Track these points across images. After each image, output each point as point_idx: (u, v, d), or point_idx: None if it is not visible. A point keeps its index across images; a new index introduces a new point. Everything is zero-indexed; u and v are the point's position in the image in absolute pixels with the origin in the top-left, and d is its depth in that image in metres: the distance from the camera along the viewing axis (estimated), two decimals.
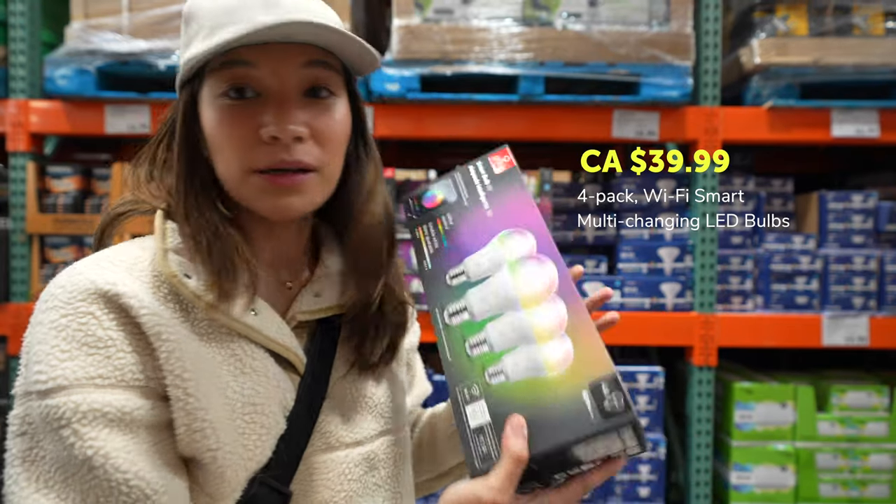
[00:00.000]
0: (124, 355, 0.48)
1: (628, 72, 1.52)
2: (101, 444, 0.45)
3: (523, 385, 0.50)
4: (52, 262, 1.62)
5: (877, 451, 1.57)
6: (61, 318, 0.48)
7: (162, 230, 0.55)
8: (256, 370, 0.54)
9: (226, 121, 0.53)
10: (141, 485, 0.46)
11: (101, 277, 0.49)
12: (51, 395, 0.46)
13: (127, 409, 0.47)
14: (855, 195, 1.67)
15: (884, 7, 1.57)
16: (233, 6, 0.51)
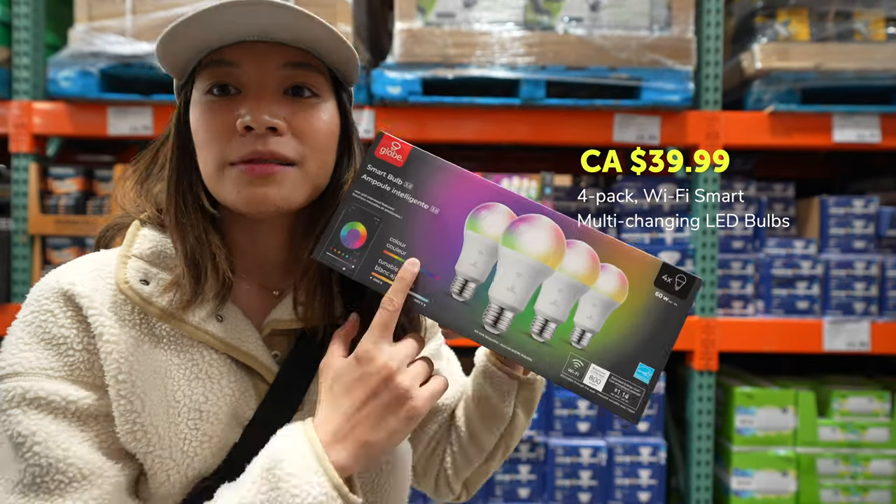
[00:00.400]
0: (74, 353, 0.51)
1: (629, 76, 1.52)
2: (45, 426, 0.48)
3: (609, 326, 0.52)
4: (53, 263, 1.62)
5: (878, 457, 1.57)
6: (29, 313, 0.52)
7: (132, 237, 0.56)
8: (211, 377, 0.54)
9: (206, 114, 0.54)
10: (78, 464, 0.48)
11: (66, 277, 0.52)
12: (5, 380, 0.50)
13: (72, 398, 0.50)
14: (856, 200, 1.67)
15: (885, 13, 1.57)
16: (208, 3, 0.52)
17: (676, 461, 1.72)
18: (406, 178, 0.55)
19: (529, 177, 1.59)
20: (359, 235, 0.55)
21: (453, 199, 0.55)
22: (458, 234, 0.54)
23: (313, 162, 0.55)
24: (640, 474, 1.58)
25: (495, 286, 0.53)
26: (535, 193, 1.58)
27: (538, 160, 2.18)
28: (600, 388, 0.52)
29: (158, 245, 0.56)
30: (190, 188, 0.56)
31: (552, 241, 0.53)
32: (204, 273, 0.54)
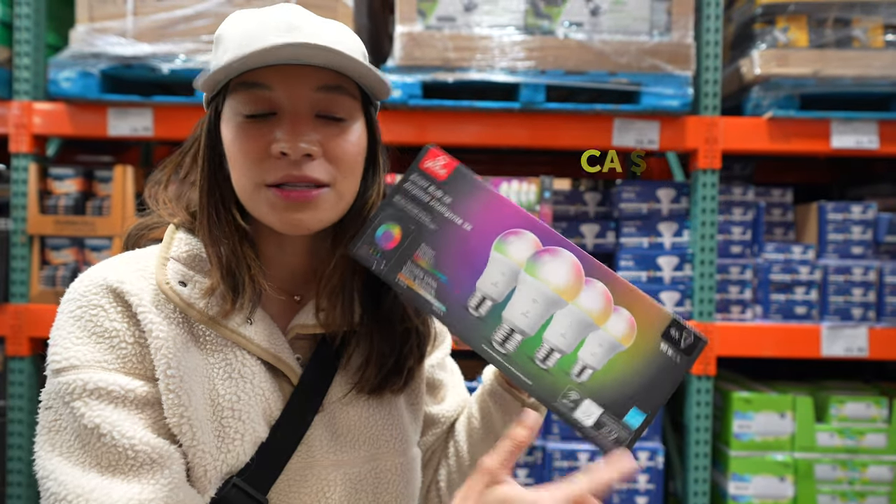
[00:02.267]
0: (126, 346, 0.53)
1: (629, 81, 1.53)
2: (108, 415, 0.51)
3: (610, 366, 0.54)
4: (52, 263, 1.62)
5: (875, 463, 1.57)
6: (77, 308, 0.54)
7: (169, 240, 0.59)
8: (244, 377, 0.57)
9: (241, 137, 0.56)
10: (146, 449, 0.51)
11: (113, 275, 0.55)
12: (63, 373, 0.52)
13: (129, 387, 0.52)
14: (854, 206, 1.68)
15: (883, 20, 1.58)
16: (255, 31, 0.54)
17: (674, 466, 1.72)
18: (446, 192, 0.58)
19: (529, 181, 1.59)
20: (392, 237, 0.57)
21: (486, 219, 0.57)
22: (484, 253, 0.56)
23: (345, 183, 0.58)
24: (637, 479, 1.58)
25: (510, 308, 0.55)
26: (534, 197, 1.58)
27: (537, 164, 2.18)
28: (590, 423, 0.53)
29: (194, 249, 0.58)
30: (222, 201, 0.58)
31: (571, 275, 0.55)
32: (241, 284, 0.56)
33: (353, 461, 0.61)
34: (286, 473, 0.58)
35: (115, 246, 1.59)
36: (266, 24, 0.55)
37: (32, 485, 1.65)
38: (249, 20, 0.56)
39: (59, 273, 1.59)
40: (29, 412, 1.61)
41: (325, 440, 0.60)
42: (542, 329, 0.55)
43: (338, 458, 0.60)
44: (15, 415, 1.60)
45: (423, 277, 0.56)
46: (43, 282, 1.60)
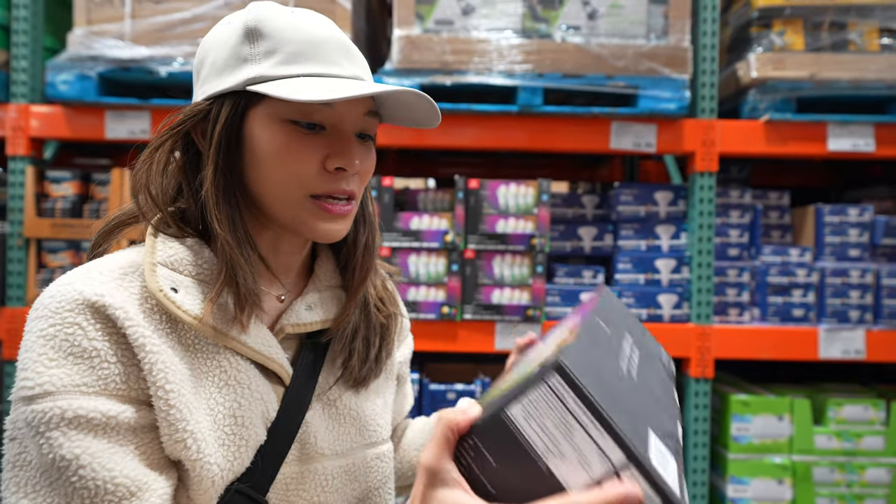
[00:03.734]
0: (108, 366, 0.49)
1: (626, 84, 1.53)
2: (88, 444, 0.46)
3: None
4: (48, 266, 1.62)
5: (874, 465, 1.57)
6: (49, 327, 0.49)
7: (152, 243, 0.55)
8: (241, 382, 0.55)
9: (295, 147, 0.55)
10: (126, 482, 0.47)
11: (90, 288, 0.50)
12: (37, 401, 0.47)
13: (111, 413, 0.48)
14: (851, 209, 1.68)
15: (879, 23, 1.59)
16: (316, 40, 0.55)
17: None
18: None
19: (526, 183, 1.59)
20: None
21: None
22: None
23: (362, 195, 0.63)
24: None
25: None
26: (531, 200, 1.58)
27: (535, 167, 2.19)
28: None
29: (179, 252, 0.56)
30: (237, 206, 0.57)
31: None
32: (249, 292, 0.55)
33: (346, 452, 0.62)
34: (282, 472, 0.58)
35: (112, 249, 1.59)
36: (322, 38, 0.55)
37: None
38: (300, 24, 0.55)
39: (56, 276, 1.59)
40: None
41: (318, 435, 0.61)
42: None
43: (331, 450, 0.61)
44: None
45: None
46: (40, 285, 1.59)
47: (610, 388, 0.42)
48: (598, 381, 0.41)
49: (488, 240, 1.57)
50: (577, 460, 0.40)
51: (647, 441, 0.41)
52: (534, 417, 0.40)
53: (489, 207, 1.58)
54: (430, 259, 1.55)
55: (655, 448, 0.42)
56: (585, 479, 0.40)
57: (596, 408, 0.39)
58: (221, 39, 0.57)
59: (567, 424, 0.40)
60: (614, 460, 0.39)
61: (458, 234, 1.56)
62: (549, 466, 0.40)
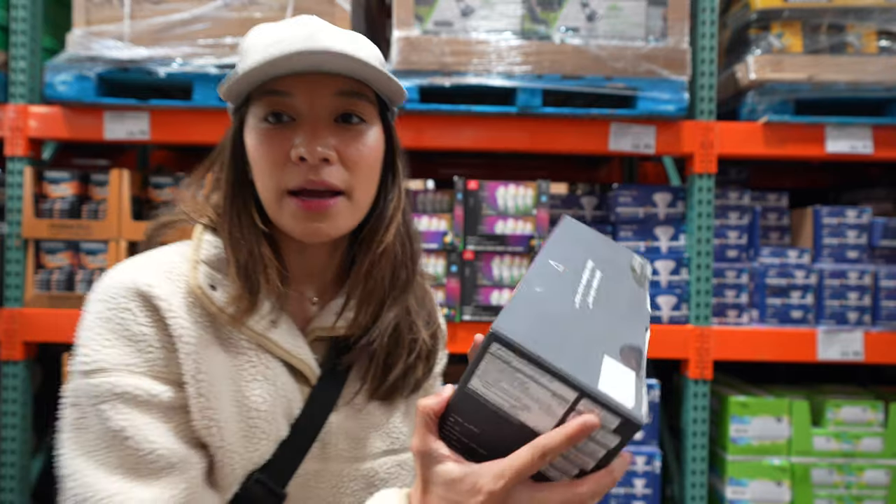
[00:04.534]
0: (153, 350, 0.54)
1: (625, 86, 1.53)
2: (133, 418, 0.52)
3: None
4: (46, 267, 1.61)
5: (872, 467, 1.57)
6: (106, 310, 0.55)
7: (198, 242, 0.60)
8: (267, 378, 0.58)
9: (263, 143, 0.57)
10: (167, 454, 0.52)
11: (142, 278, 0.55)
12: (92, 375, 0.53)
13: (154, 392, 0.53)
14: (849, 210, 1.69)
15: (877, 26, 1.59)
16: (277, 40, 0.56)
17: (671, 470, 1.71)
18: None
19: (525, 184, 1.59)
20: None
21: None
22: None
23: (361, 191, 0.59)
24: (634, 483, 1.58)
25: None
26: (530, 201, 1.58)
27: (534, 168, 2.19)
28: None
29: (220, 252, 0.59)
30: (244, 206, 0.59)
31: None
32: (257, 284, 0.57)
33: (366, 457, 0.63)
34: (304, 468, 0.60)
35: (110, 250, 1.59)
36: (286, 36, 0.56)
37: (25, 490, 1.63)
38: (271, 32, 0.58)
39: (54, 277, 1.59)
40: (22, 417, 1.60)
41: (339, 437, 0.62)
42: None
43: (351, 454, 0.63)
44: (8, 420, 1.59)
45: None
46: (37, 286, 1.59)
47: (554, 333, 0.46)
48: (538, 331, 0.45)
49: (487, 241, 1.57)
50: (540, 408, 0.44)
51: (600, 369, 0.45)
52: (491, 384, 0.45)
53: (488, 208, 1.58)
54: (429, 260, 1.55)
55: (609, 371, 0.46)
56: (552, 421, 0.44)
57: (537, 360, 0.43)
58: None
59: (520, 381, 0.44)
60: (568, 398, 0.43)
61: (457, 235, 1.56)
62: (519, 420, 0.45)
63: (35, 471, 1.66)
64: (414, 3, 1.53)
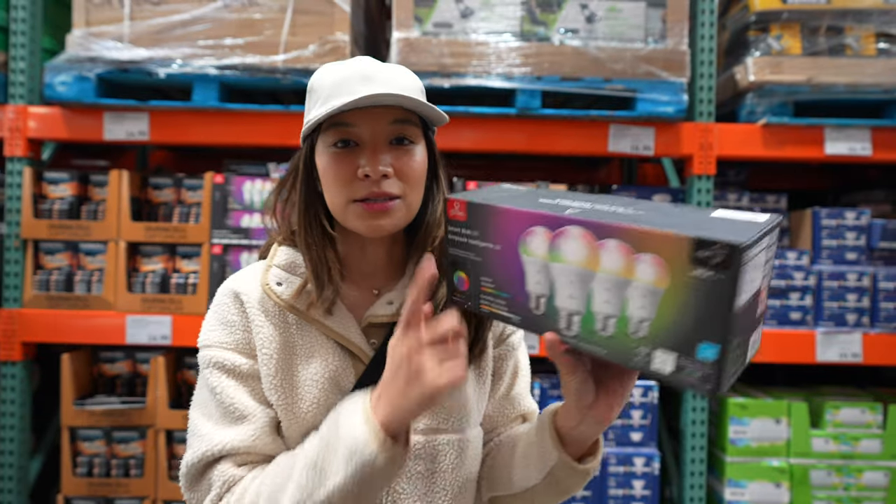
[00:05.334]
0: (239, 332, 0.74)
1: (624, 87, 1.54)
2: (222, 380, 0.72)
3: (661, 311, 0.53)
4: (45, 267, 1.61)
5: (871, 469, 1.57)
6: (216, 305, 0.76)
7: (273, 252, 0.78)
8: (322, 356, 0.73)
9: (333, 164, 0.72)
10: (241, 407, 0.71)
11: (235, 283, 0.76)
12: (204, 349, 0.74)
13: (238, 363, 0.73)
14: (848, 212, 1.69)
15: (875, 28, 1.60)
16: (339, 81, 0.71)
17: (670, 472, 1.71)
18: (472, 227, 0.66)
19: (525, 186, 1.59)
20: (463, 280, 0.68)
21: (505, 233, 0.63)
22: (517, 262, 0.63)
23: (412, 195, 0.73)
24: (633, 485, 1.58)
25: (558, 297, 0.60)
26: None
27: (534, 169, 2.19)
28: (669, 370, 0.54)
29: (290, 258, 0.76)
30: (315, 216, 0.75)
31: (586, 246, 0.57)
32: (324, 282, 0.73)
33: (414, 431, 0.73)
34: None
35: (109, 250, 1.59)
36: (346, 76, 0.71)
37: (23, 491, 1.63)
38: (334, 73, 0.72)
39: (53, 277, 1.59)
40: (21, 417, 1.59)
41: None
42: (589, 304, 0.58)
43: None
44: (7, 420, 1.58)
45: (495, 300, 0.66)
46: (36, 286, 1.59)
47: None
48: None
49: None
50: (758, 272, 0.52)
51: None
52: (745, 284, 0.50)
53: None
54: None
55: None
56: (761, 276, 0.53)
57: (763, 231, 0.51)
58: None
59: (757, 266, 0.51)
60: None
61: None
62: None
63: (33, 471, 1.66)
64: (413, 4, 1.53)
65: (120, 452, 1.61)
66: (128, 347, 1.71)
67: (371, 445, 0.60)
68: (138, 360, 1.72)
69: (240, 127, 1.58)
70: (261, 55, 1.52)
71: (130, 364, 1.72)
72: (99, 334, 1.56)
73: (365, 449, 0.60)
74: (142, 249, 1.63)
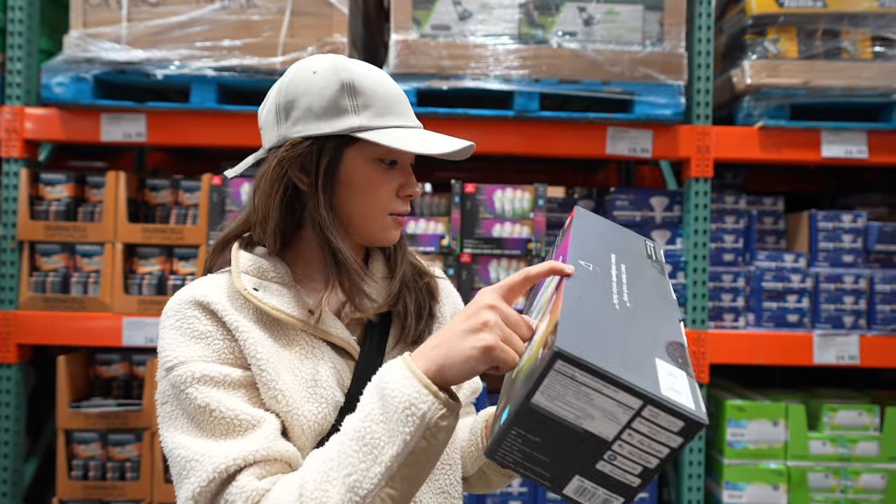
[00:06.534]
0: (218, 342, 0.68)
1: (622, 90, 1.54)
2: (213, 394, 0.64)
3: (525, 368, 0.54)
4: (41, 269, 1.60)
5: (868, 471, 1.57)
6: (176, 321, 0.69)
7: (236, 258, 0.74)
8: (316, 356, 0.72)
9: (378, 179, 0.74)
10: (247, 417, 0.64)
11: (198, 293, 0.70)
12: (174, 370, 0.66)
13: (225, 372, 0.66)
14: (845, 215, 1.69)
15: (871, 32, 1.61)
16: (394, 97, 0.74)
17: (668, 474, 1.71)
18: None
19: (523, 188, 1.60)
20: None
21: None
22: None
23: None
24: None
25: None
26: (528, 205, 1.58)
27: (532, 171, 2.19)
28: (496, 431, 0.54)
29: (256, 263, 0.73)
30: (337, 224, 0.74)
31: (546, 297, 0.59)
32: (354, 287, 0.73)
33: None
34: None
35: (106, 252, 1.58)
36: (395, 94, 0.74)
37: (18, 494, 1.62)
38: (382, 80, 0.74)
39: (49, 279, 1.58)
40: (15, 420, 1.58)
41: None
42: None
43: None
44: (1, 423, 1.57)
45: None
46: (32, 288, 1.58)
47: (608, 341, 0.49)
48: (596, 341, 0.49)
49: (484, 244, 1.57)
50: (604, 416, 0.47)
51: (656, 373, 0.48)
52: (555, 398, 0.48)
53: (485, 212, 1.58)
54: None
55: (664, 374, 0.49)
56: (616, 427, 0.48)
57: (602, 373, 0.46)
58: (316, 88, 0.72)
59: (585, 394, 0.47)
60: (633, 406, 0.46)
61: (454, 238, 1.56)
62: (583, 428, 0.48)
63: (28, 474, 1.65)
64: (412, 7, 1.54)
65: (116, 455, 1.60)
66: (124, 349, 1.70)
67: (427, 397, 0.55)
68: (134, 362, 1.71)
69: (237, 129, 1.58)
70: (259, 57, 1.51)
71: (127, 366, 1.71)
72: (95, 336, 1.55)
73: (421, 403, 0.55)
74: (138, 251, 1.62)
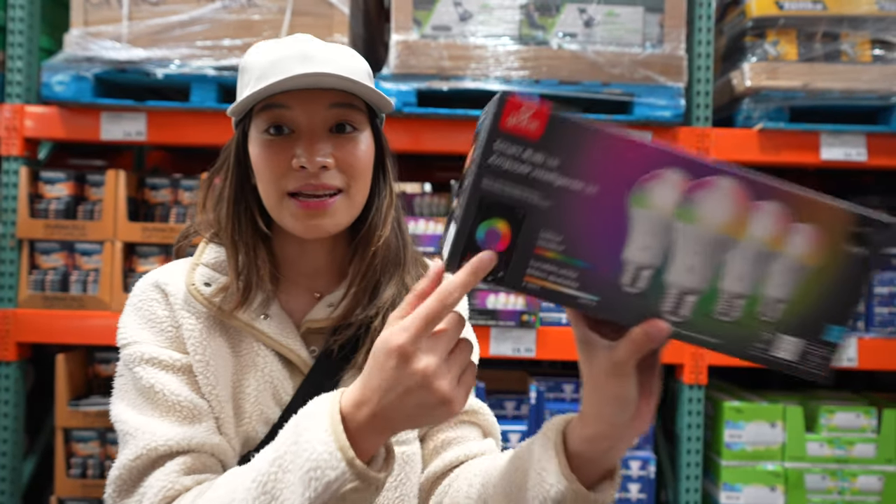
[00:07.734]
0: (170, 329, 0.66)
1: (622, 91, 1.54)
2: (160, 377, 0.63)
3: (802, 291, 0.46)
4: (41, 267, 1.61)
5: (865, 473, 1.58)
6: (137, 301, 0.68)
7: (201, 249, 0.70)
8: (257, 365, 0.66)
9: (265, 152, 0.64)
10: (189, 405, 0.63)
11: (162, 277, 0.68)
12: (128, 347, 0.65)
13: (175, 358, 0.64)
14: None
15: (871, 35, 1.61)
16: (275, 60, 0.63)
17: (666, 475, 1.71)
18: (549, 153, 0.44)
19: None
20: (500, 235, 0.45)
21: (611, 171, 0.44)
22: (622, 215, 0.45)
23: (356, 188, 0.66)
24: (629, 488, 1.58)
25: (673, 269, 0.45)
26: None
27: None
28: (791, 357, 0.47)
29: (220, 256, 0.68)
30: (246, 211, 0.67)
31: (735, 206, 0.45)
32: (251, 284, 0.65)
33: None
34: None
35: (105, 251, 1.58)
36: (284, 55, 0.62)
37: (16, 492, 1.62)
38: (269, 51, 0.64)
39: (49, 278, 1.58)
40: (14, 418, 1.58)
41: None
42: (715, 279, 0.45)
43: None
44: (0, 421, 1.57)
45: (557, 271, 0.45)
46: (32, 286, 1.58)
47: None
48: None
49: None
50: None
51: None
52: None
53: None
54: None
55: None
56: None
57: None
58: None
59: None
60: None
61: None
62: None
63: (27, 472, 1.65)
64: (412, 7, 1.54)
65: (114, 454, 1.61)
66: None
67: (338, 464, 0.46)
68: None
69: None
70: None
71: None
72: (94, 335, 1.55)
73: (330, 469, 0.46)
74: (138, 250, 1.62)
